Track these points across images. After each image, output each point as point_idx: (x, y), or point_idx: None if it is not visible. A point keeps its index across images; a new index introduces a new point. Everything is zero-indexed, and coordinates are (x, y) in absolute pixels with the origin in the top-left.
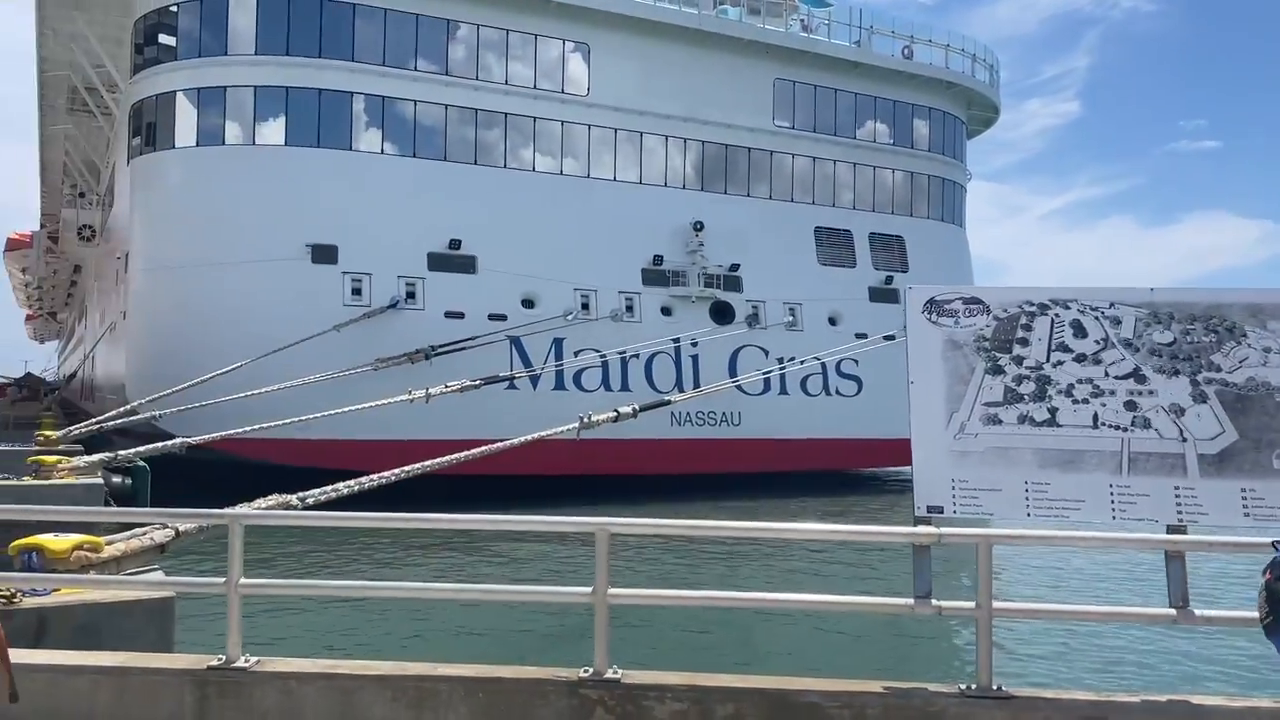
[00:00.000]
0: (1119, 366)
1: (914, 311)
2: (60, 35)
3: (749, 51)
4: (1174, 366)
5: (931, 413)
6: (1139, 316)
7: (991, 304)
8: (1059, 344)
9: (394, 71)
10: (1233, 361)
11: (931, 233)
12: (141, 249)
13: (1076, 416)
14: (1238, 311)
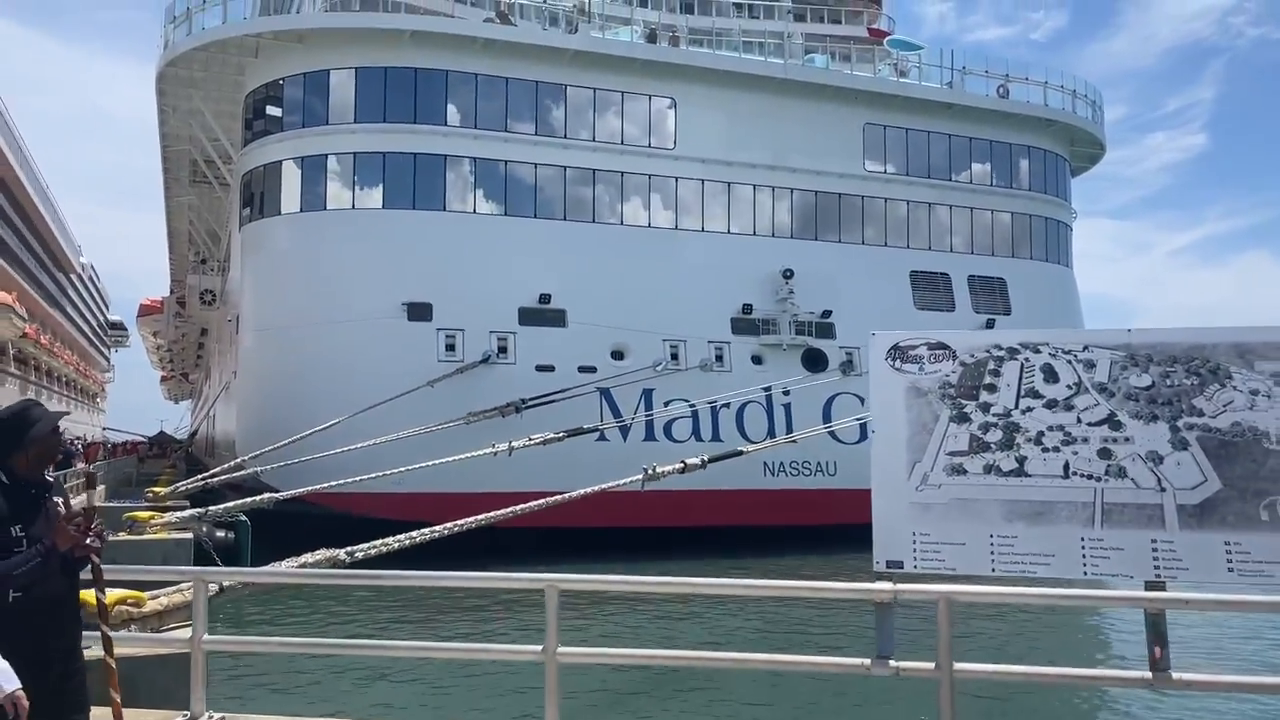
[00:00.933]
0: (1093, 412)
1: (877, 358)
2: (179, 112)
3: (837, 97)
4: (1152, 411)
5: (893, 463)
6: (1115, 359)
7: (958, 349)
8: (1029, 390)
9: (486, 133)
10: (1216, 405)
11: (1035, 273)
12: (250, 311)
13: (1046, 466)
14: (1222, 352)
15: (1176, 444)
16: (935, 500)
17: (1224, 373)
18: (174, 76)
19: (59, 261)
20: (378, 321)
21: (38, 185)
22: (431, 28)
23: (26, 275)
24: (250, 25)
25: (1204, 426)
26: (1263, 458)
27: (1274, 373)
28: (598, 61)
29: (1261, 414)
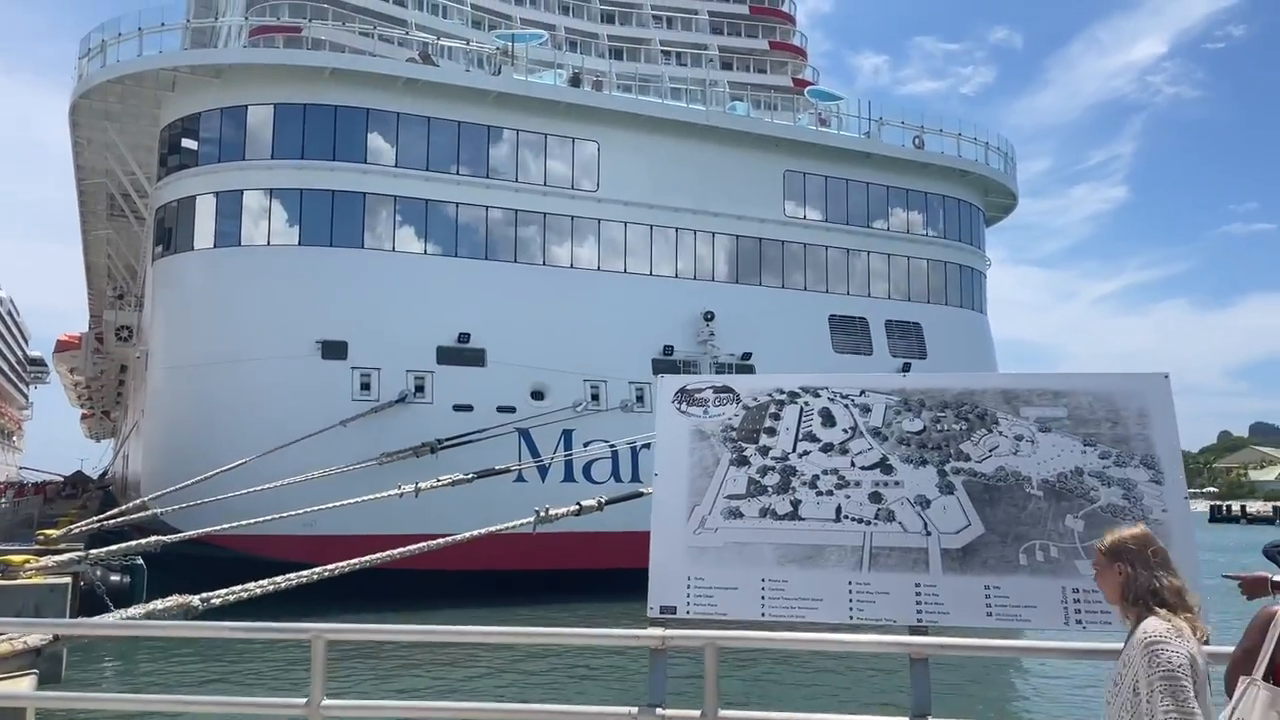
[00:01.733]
0: (866, 456)
1: (663, 402)
2: (94, 145)
3: (758, 144)
4: (922, 456)
5: (673, 507)
6: (889, 404)
7: (742, 392)
8: (807, 433)
9: (406, 172)
10: (983, 450)
11: (951, 319)
12: (159, 348)
13: (820, 509)
14: (990, 398)
15: (943, 488)
16: (711, 544)
17: (991, 418)
18: (88, 109)
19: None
20: (290, 360)
21: None
22: (352, 66)
23: None
24: (167, 59)
25: (970, 471)
26: (1024, 502)
27: (1038, 418)
28: (521, 104)
29: (1024, 459)
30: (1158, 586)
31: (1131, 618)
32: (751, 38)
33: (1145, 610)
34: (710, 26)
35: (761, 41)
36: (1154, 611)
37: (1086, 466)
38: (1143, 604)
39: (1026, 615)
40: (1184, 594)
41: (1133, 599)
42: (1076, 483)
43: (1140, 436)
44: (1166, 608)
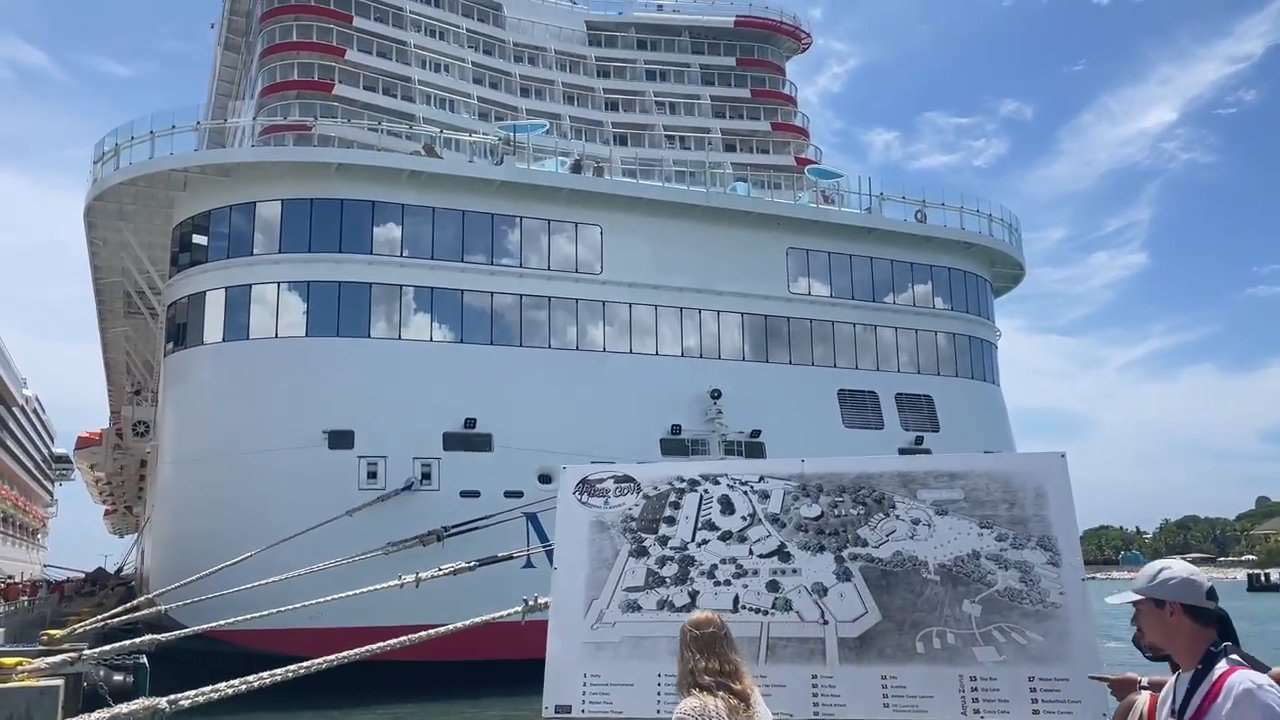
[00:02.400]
0: (764, 544)
1: (565, 492)
2: (110, 245)
3: (760, 223)
4: (819, 542)
5: (571, 601)
6: (788, 490)
7: (643, 482)
8: (706, 521)
9: (411, 261)
10: (880, 535)
11: (962, 391)
12: (169, 442)
13: (718, 600)
14: (887, 481)
15: (840, 575)
16: (608, 639)
17: (889, 502)
18: (102, 210)
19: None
20: (297, 451)
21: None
22: (357, 160)
23: None
24: (177, 160)
25: (867, 557)
26: (920, 587)
27: (935, 500)
28: (524, 191)
29: (921, 543)
30: (695, 669)
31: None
32: (754, 120)
33: (686, 692)
34: (713, 111)
35: (764, 123)
36: (689, 693)
37: (983, 549)
38: (684, 687)
39: (924, 706)
40: (730, 676)
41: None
42: (973, 566)
43: (1038, 518)
44: (701, 689)
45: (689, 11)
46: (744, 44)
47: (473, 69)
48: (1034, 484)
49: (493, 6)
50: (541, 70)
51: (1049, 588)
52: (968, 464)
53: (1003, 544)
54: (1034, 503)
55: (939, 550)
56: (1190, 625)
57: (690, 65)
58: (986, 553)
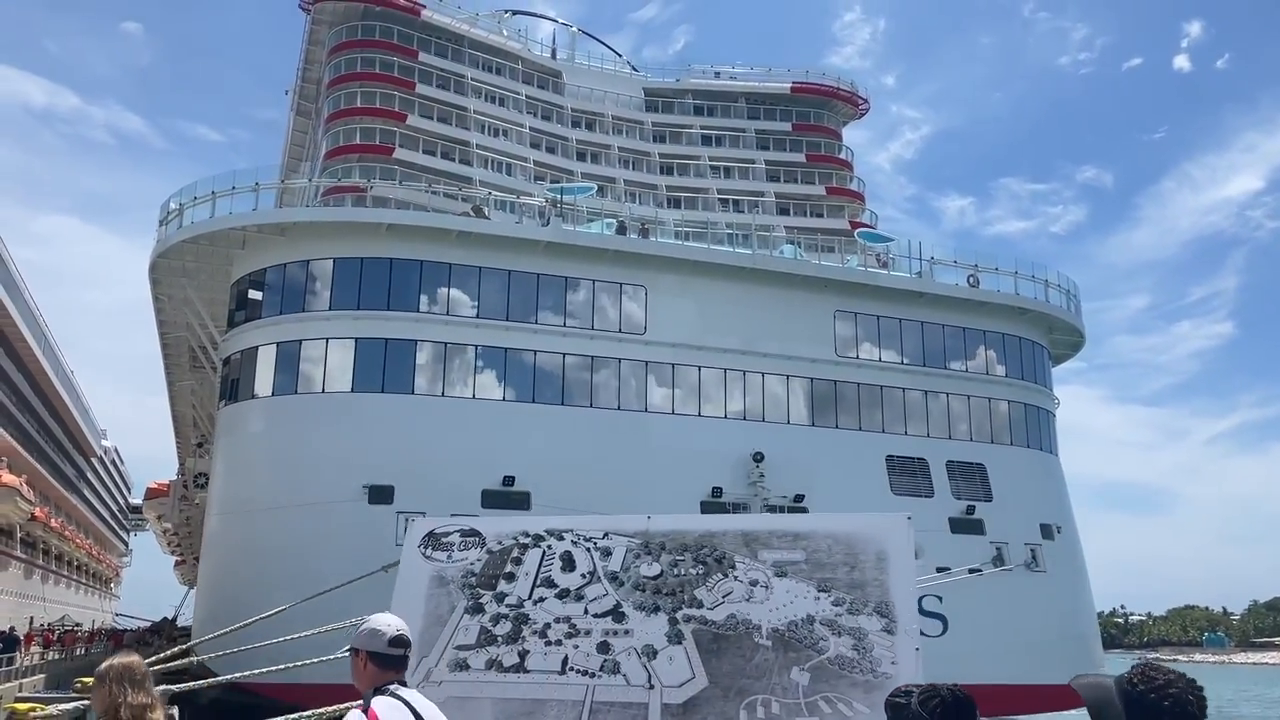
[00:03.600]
0: (600, 603)
1: (410, 545)
2: (174, 301)
3: (807, 285)
4: (655, 602)
5: None
6: (630, 547)
7: (488, 536)
8: (545, 579)
9: (456, 319)
10: (716, 596)
11: (1017, 460)
12: (216, 494)
13: (546, 660)
14: (730, 540)
15: (672, 637)
16: (432, 699)
17: (729, 562)
18: (166, 267)
19: (80, 446)
20: (338, 505)
21: (61, 373)
22: (406, 221)
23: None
24: (236, 219)
25: (701, 619)
26: (751, 653)
27: (776, 561)
28: (569, 252)
29: (757, 606)
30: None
31: None
32: (809, 184)
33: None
34: (767, 175)
35: (819, 187)
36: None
37: (819, 614)
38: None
39: None
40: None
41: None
42: (806, 632)
43: (876, 582)
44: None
45: (746, 78)
46: (800, 109)
47: (530, 133)
48: (876, 547)
49: (553, 74)
50: (598, 135)
51: (881, 656)
52: (812, 524)
53: (839, 609)
54: (875, 566)
55: (773, 614)
56: (374, 670)
57: (746, 130)
58: (821, 617)
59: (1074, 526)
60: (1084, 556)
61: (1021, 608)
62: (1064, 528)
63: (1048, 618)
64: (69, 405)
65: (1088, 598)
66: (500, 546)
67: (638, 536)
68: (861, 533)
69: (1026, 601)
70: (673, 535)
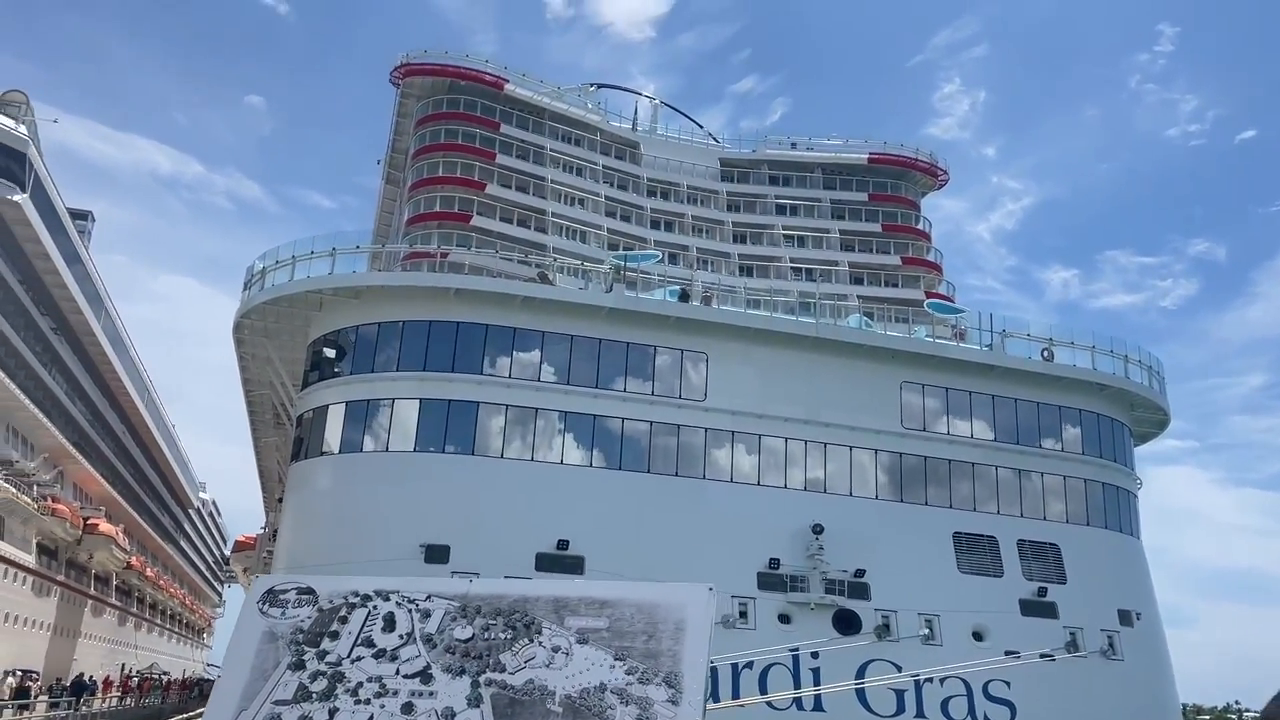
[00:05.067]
0: (412, 664)
1: (249, 602)
2: (257, 360)
3: (873, 356)
4: (462, 665)
5: (222, 711)
6: (448, 610)
7: (321, 595)
8: (365, 639)
9: (518, 383)
10: (519, 661)
11: (1094, 541)
12: (283, 549)
13: (354, 719)
14: (542, 606)
15: (472, 700)
16: None
17: (536, 627)
18: (249, 327)
19: (178, 497)
20: (394, 563)
21: (162, 426)
22: (474, 286)
23: (142, 510)
24: (313, 283)
25: (501, 683)
26: (542, 718)
27: (580, 629)
28: (631, 318)
29: (555, 672)
30: None
31: None
32: (884, 254)
33: None
34: (841, 244)
35: (894, 257)
36: None
37: (611, 682)
38: None
39: None
40: None
41: None
42: (597, 699)
43: (671, 652)
44: None
45: (823, 149)
46: (877, 180)
47: (605, 202)
48: (676, 617)
49: (630, 145)
50: (673, 204)
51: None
52: (619, 592)
53: (631, 678)
54: (671, 636)
55: (569, 681)
56: None
57: (821, 200)
58: (613, 686)
59: (1156, 613)
60: (1167, 646)
61: (1097, 697)
62: (1145, 614)
63: (1125, 709)
64: (169, 458)
65: (1170, 689)
66: (330, 605)
67: (457, 599)
68: (664, 602)
69: (1102, 691)
70: (489, 599)
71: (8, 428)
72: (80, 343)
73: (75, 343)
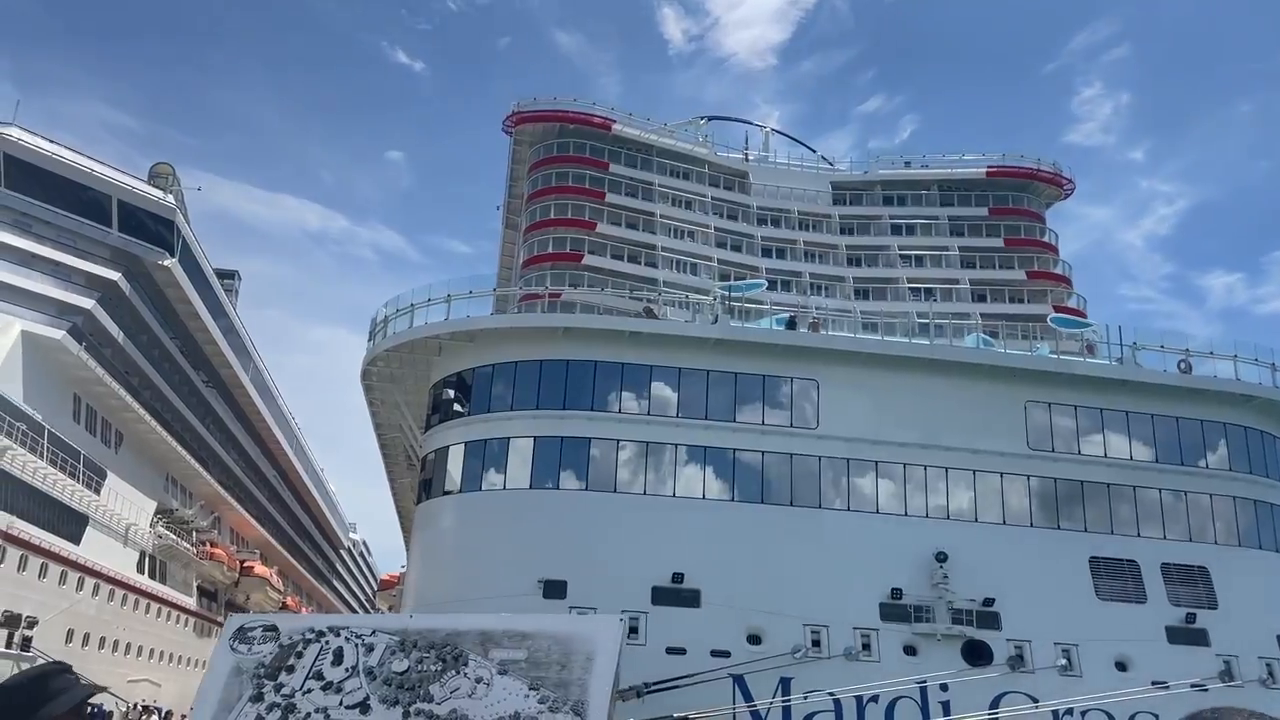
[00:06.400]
0: (353, 695)
1: (223, 639)
2: (387, 405)
3: (995, 375)
4: (396, 696)
5: None
6: (389, 644)
7: (283, 631)
8: (316, 672)
9: (628, 417)
10: (445, 692)
11: (1248, 563)
12: (411, 588)
13: None
14: (471, 639)
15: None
16: None
17: (464, 660)
18: (376, 374)
19: (330, 539)
20: (514, 599)
21: (312, 472)
22: (581, 324)
23: (295, 552)
24: (431, 329)
25: (429, 713)
26: None
27: (502, 660)
28: (737, 348)
29: (476, 702)
30: None
31: None
32: (1007, 269)
33: None
34: (961, 261)
35: (1018, 272)
36: None
37: (524, 711)
38: None
39: None
40: None
41: None
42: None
43: (579, 682)
44: None
45: (937, 166)
46: (998, 193)
47: (715, 233)
48: (588, 648)
49: (740, 175)
50: (784, 231)
51: None
52: (539, 625)
53: (542, 706)
54: (582, 666)
55: (488, 709)
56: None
57: (938, 217)
58: (526, 714)
59: None
60: None
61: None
62: None
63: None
64: (319, 501)
65: None
66: (289, 641)
67: (397, 634)
68: (579, 634)
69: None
70: (425, 634)
71: (167, 477)
72: (231, 395)
73: (226, 395)
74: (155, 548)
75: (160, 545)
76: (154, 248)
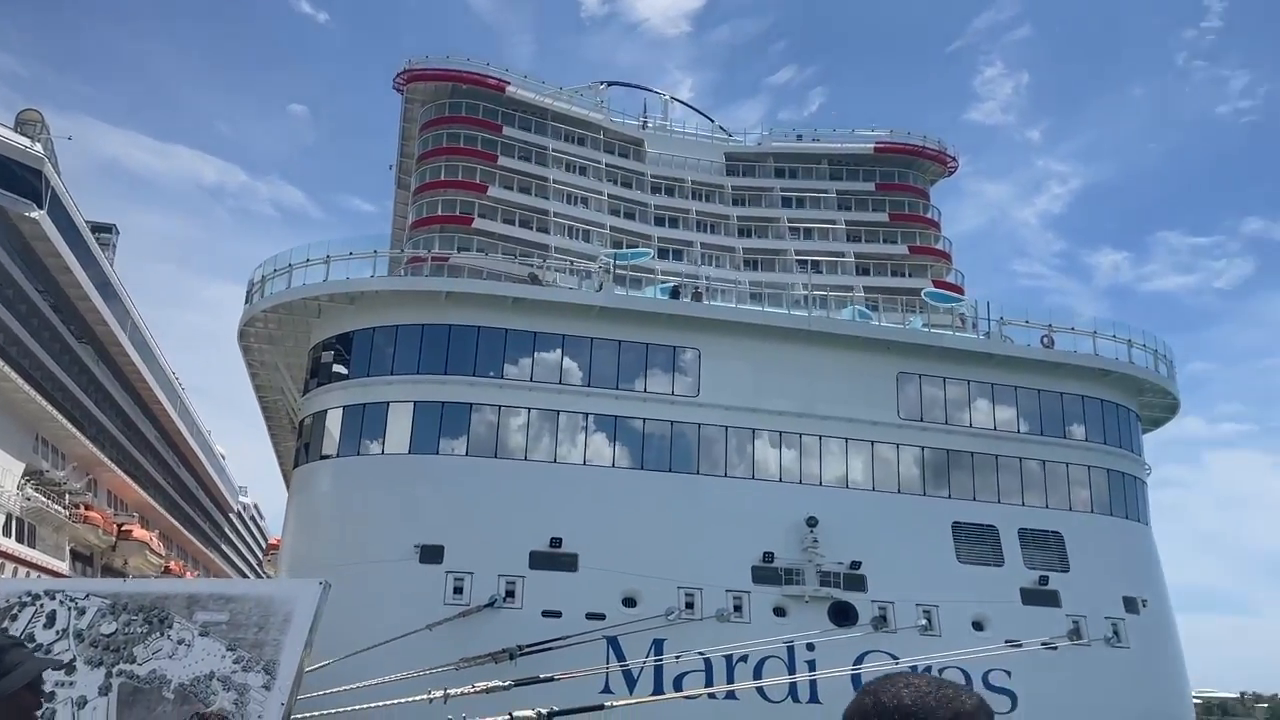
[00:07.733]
0: (61, 658)
1: None
2: (266, 366)
3: (868, 347)
4: (101, 658)
5: None
6: (101, 608)
7: (0, 594)
8: (29, 635)
9: (510, 383)
10: (148, 653)
11: (1100, 528)
12: (287, 551)
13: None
14: (178, 602)
15: (103, 689)
16: None
17: (169, 622)
18: (254, 335)
19: (218, 502)
20: (391, 564)
21: (199, 434)
22: (463, 289)
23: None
24: (309, 290)
25: (130, 674)
26: (155, 704)
27: (205, 622)
28: (622, 316)
29: (176, 662)
30: None
31: None
32: (890, 243)
33: None
34: (848, 235)
35: (900, 247)
36: None
37: (220, 670)
38: None
39: None
40: None
41: None
42: (205, 687)
43: (274, 642)
44: None
45: (829, 140)
46: (885, 169)
47: (609, 201)
48: (286, 610)
49: (635, 142)
50: (677, 200)
51: (253, 711)
52: (243, 589)
53: (237, 666)
54: (278, 628)
55: (185, 670)
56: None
57: (827, 191)
58: (220, 674)
59: (1165, 599)
60: (1177, 632)
61: (1101, 686)
62: (1152, 600)
63: (1132, 697)
64: (205, 463)
65: (1180, 676)
66: (6, 605)
67: (110, 598)
68: (279, 596)
69: (1107, 679)
70: (137, 597)
71: (37, 438)
72: (108, 353)
73: (103, 353)
74: (24, 510)
75: (29, 508)
76: (20, 198)
